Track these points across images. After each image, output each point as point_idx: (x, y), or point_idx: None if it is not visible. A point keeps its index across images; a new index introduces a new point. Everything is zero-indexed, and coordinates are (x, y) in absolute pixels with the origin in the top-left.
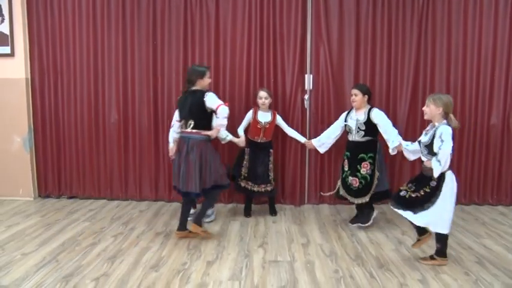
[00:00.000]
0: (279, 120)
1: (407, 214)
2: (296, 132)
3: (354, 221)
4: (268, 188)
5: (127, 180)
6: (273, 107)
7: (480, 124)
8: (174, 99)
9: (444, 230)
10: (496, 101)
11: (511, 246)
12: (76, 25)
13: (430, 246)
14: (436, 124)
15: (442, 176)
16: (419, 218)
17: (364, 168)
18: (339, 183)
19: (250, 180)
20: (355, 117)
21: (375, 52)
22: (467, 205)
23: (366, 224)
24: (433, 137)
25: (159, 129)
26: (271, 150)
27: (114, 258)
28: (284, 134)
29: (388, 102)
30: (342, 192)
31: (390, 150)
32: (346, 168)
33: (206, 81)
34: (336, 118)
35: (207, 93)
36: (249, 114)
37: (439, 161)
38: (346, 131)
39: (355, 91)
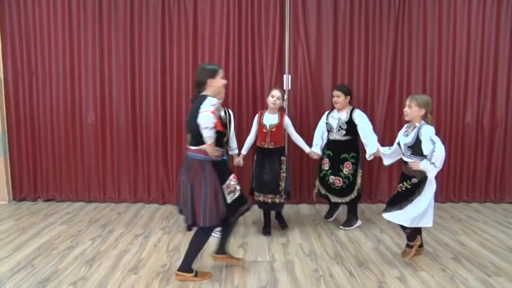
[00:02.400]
0: (287, 123)
1: (388, 216)
2: (302, 141)
3: (327, 216)
4: (277, 200)
5: (105, 181)
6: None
7: (455, 124)
8: (152, 100)
9: (429, 223)
10: (470, 101)
11: (485, 242)
12: (51, 24)
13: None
14: (417, 124)
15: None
16: (393, 217)
17: (347, 168)
18: (317, 183)
19: (257, 190)
20: (337, 116)
21: (352, 52)
22: (444, 203)
23: (347, 228)
24: (417, 138)
25: (137, 130)
26: (282, 158)
27: (92, 262)
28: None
29: (366, 101)
30: (324, 191)
31: (367, 156)
32: (326, 168)
33: (219, 82)
34: (315, 118)
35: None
36: (256, 119)
37: (433, 163)
38: (327, 130)
39: (337, 93)
